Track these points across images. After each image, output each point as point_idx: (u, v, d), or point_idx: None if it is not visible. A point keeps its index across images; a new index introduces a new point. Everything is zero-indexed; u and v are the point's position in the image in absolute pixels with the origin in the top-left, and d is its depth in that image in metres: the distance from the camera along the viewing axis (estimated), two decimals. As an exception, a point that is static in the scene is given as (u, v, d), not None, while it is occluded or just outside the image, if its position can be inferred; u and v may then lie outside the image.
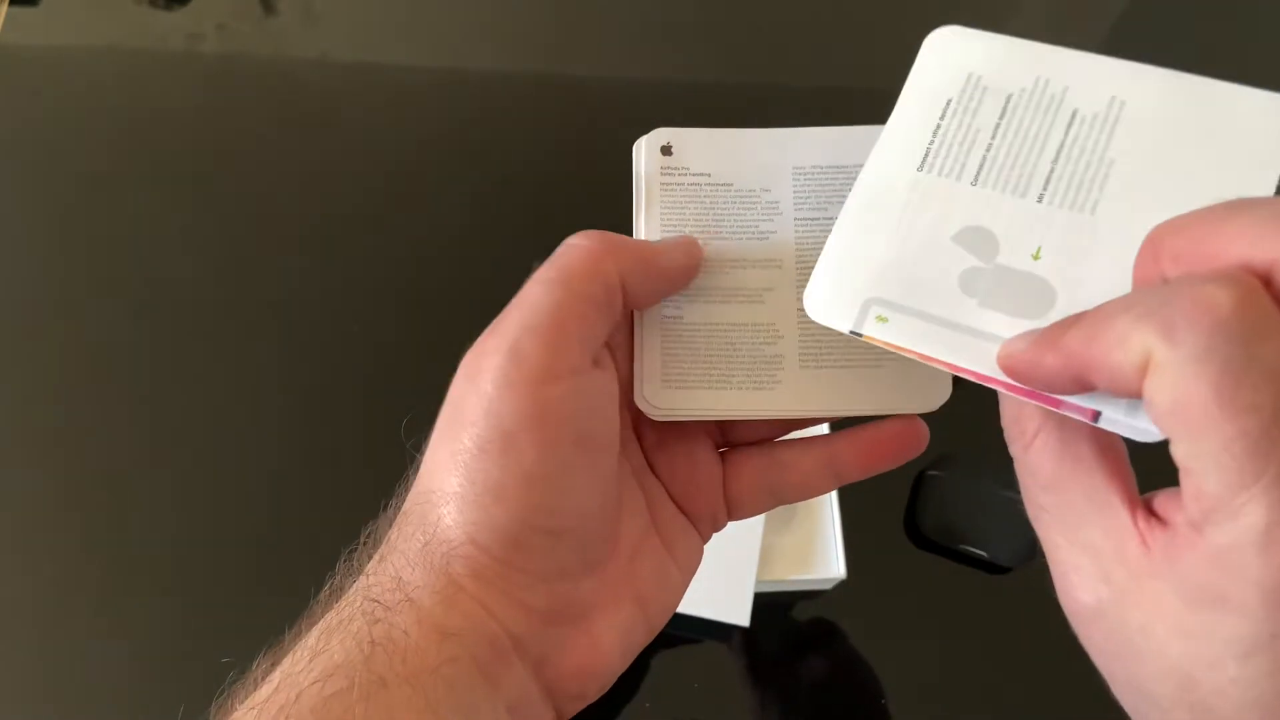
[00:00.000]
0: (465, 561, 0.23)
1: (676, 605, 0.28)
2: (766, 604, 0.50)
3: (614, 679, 0.26)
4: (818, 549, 0.52)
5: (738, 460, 0.30)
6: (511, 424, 0.23)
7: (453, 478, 0.23)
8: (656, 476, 0.29)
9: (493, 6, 0.71)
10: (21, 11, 0.68)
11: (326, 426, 0.57)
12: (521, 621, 0.23)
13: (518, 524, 0.23)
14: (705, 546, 0.30)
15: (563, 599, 0.24)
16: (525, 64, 0.68)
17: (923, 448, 0.28)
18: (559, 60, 0.69)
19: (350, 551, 0.25)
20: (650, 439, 0.29)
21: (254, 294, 0.60)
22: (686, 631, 0.50)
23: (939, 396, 0.28)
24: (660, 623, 0.28)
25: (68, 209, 0.63)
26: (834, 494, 0.51)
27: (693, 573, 0.29)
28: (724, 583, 0.49)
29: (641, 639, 0.27)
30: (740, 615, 0.48)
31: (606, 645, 0.25)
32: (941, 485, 0.53)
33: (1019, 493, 0.25)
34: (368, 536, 0.25)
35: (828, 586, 0.51)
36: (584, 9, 0.70)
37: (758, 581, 0.49)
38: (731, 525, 0.31)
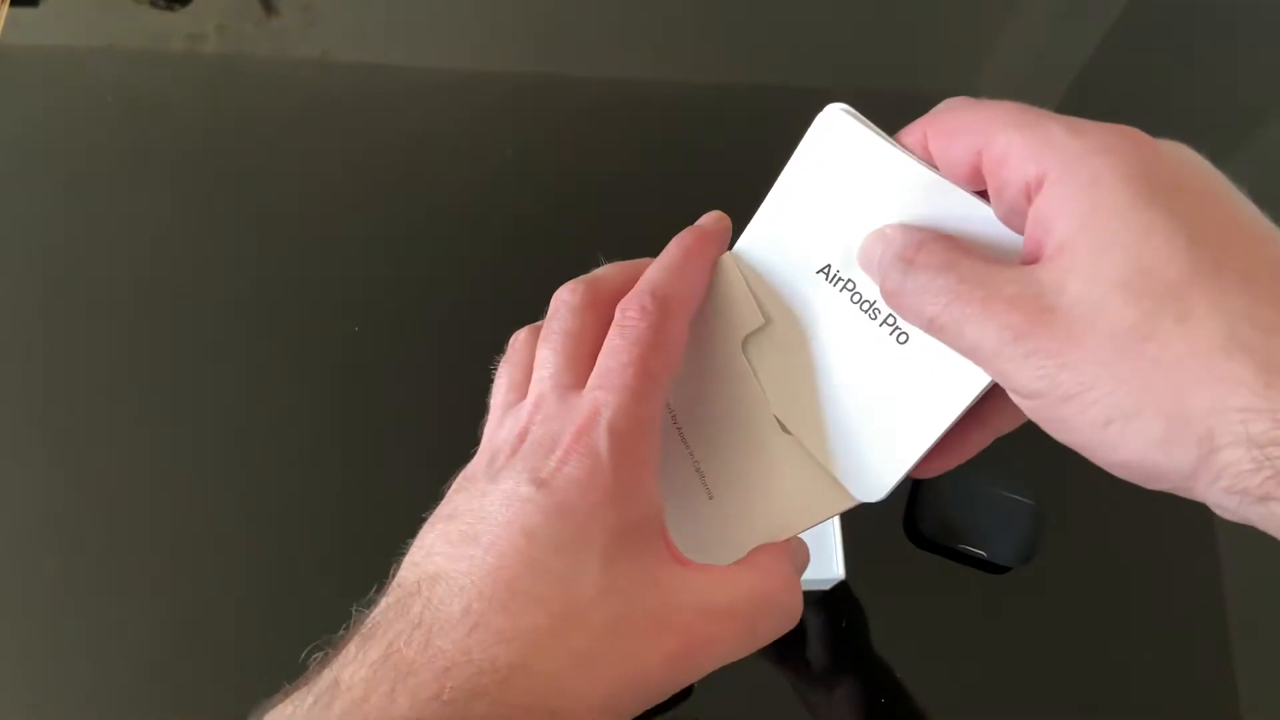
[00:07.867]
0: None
1: None
2: (766, 604, 0.50)
3: None
4: (817, 549, 0.51)
5: None
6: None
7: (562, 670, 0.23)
8: None
9: (493, 7, 0.71)
10: (22, 12, 0.68)
11: (324, 426, 0.57)
12: None
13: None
14: None
15: None
16: (526, 64, 0.68)
17: None
18: (560, 60, 0.69)
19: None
20: None
21: (254, 294, 0.60)
22: (686, 631, 0.50)
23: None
24: None
25: (67, 209, 0.63)
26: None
27: None
28: (724, 583, 0.49)
29: None
30: (740, 615, 0.48)
31: None
32: (941, 485, 0.53)
33: (1019, 493, 0.25)
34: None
35: (827, 586, 0.52)
36: (585, 9, 0.71)
37: (758, 581, 0.49)
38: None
